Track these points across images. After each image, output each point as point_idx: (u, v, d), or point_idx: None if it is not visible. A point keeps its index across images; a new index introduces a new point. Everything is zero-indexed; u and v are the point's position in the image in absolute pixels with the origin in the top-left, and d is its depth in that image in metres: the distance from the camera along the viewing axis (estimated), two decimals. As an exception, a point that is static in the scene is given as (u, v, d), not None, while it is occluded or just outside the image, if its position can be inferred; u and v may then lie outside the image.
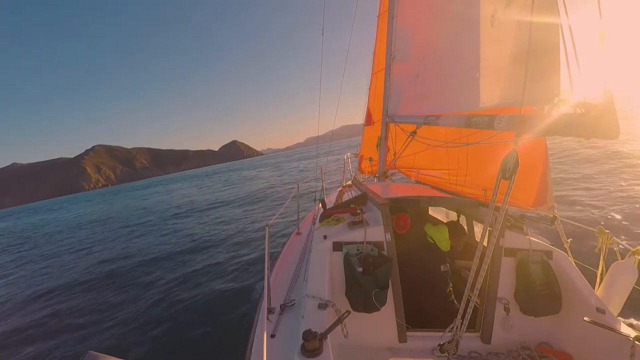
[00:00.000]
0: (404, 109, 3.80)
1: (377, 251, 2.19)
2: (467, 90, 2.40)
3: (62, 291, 7.84)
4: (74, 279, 8.66)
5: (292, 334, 1.89)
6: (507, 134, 1.65)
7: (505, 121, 1.57)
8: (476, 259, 1.59)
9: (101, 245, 12.85)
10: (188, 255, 8.88)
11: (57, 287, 8.25)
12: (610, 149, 13.43)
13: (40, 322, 6.10)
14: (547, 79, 1.50)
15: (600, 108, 1.10)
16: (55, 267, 10.62)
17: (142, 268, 8.49)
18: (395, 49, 3.91)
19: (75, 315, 6.15)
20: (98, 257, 10.72)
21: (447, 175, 4.62)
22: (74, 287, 7.96)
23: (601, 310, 1.93)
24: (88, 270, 9.37)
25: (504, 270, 2.17)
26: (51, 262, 11.56)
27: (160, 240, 11.53)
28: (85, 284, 8.09)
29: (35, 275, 9.99)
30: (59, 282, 8.62)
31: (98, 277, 8.47)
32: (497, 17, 1.93)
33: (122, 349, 4.67)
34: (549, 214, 3.16)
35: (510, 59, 1.83)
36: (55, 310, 6.58)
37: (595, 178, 9.91)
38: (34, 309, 6.89)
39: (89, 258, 11.00)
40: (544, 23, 1.45)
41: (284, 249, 3.55)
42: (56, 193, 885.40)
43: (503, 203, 1.45)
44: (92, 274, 8.87)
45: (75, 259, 11.26)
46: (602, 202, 7.63)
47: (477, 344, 2.14)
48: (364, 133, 6.67)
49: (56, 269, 10.31)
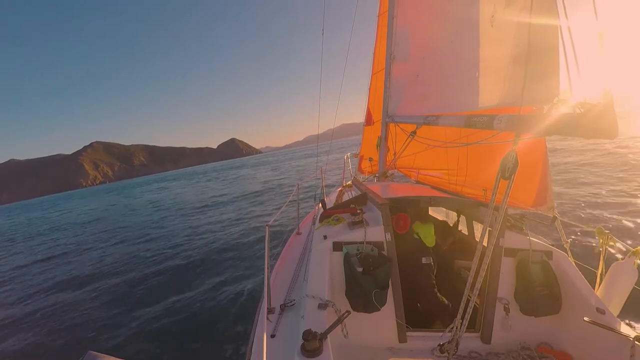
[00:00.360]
0: (404, 109, 3.80)
1: (377, 251, 2.19)
2: (467, 90, 2.40)
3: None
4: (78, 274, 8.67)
5: (292, 334, 1.90)
6: (506, 134, 1.65)
7: (505, 121, 1.57)
8: (476, 259, 1.60)
9: (108, 243, 12.85)
10: (187, 255, 8.88)
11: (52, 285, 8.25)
12: (610, 149, 13.43)
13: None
14: (546, 79, 1.50)
15: (599, 108, 1.11)
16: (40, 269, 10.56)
17: (142, 268, 8.49)
18: (395, 49, 3.92)
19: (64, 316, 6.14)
20: (102, 253, 10.73)
21: (447, 175, 4.62)
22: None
23: (601, 310, 1.93)
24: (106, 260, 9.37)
25: (504, 270, 2.17)
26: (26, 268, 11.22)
27: (159, 239, 11.53)
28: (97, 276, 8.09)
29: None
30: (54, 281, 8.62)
31: (111, 270, 8.46)
32: (496, 18, 1.93)
33: (122, 349, 4.68)
34: (549, 214, 3.16)
35: (509, 59, 1.84)
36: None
37: (595, 178, 9.92)
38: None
39: (94, 252, 11.00)
40: (544, 24, 1.45)
41: (284, 249, 3.55)
42: (54, 189, 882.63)
43: (502, 203, 1.45)
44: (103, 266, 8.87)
45: (77, 255, 11.26)
46: (602, 203, 7.63)
47: (477, 344, 2.14)
48: (364, 133, 6.68)
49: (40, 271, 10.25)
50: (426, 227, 2.58)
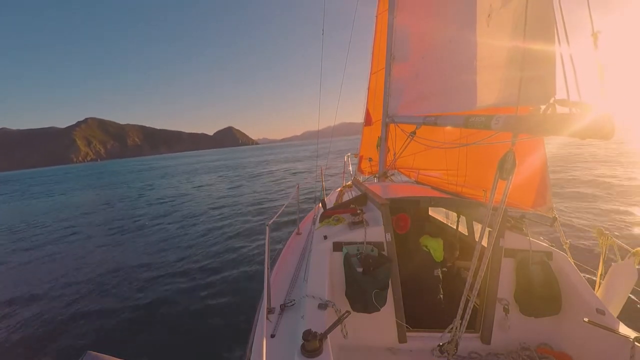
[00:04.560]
0: (403, 109, 3.81)
1: (377, 251, 2.20)
2: (466, 90, 2.41)
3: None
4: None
5: (292, 334, 1.90)
6: (505, 134, 1.66)
7: (502, 121, 1.58)
8: (475, 259, 1.60)
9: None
10: (186, 255, 8.89)
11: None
12: (609, 149, 13.41)
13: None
14: (542, 79, 1.51)
15: (595, 108, 1.11)
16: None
17: (141, 266, 8.50)
18: (395, 48, 3.92)
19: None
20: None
21: (447, 176, 4.63)
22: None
23: (601, 311, 1.93)
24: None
25: (504, 270, 2.17)
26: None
27: (157, 239, 11.53)
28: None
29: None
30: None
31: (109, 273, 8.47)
32: (493, 18, 1.94)
33: (121, 349, 4.68)
34: (548, 214, 3.16)
35: (506, 59, 1.84)
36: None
37: (595, 178, 9.90)
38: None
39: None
40: (540, 24, 1.46)
41: (284, 249, 3.56)
42: (44, 163, 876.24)
43: (501, 203, 1.45)
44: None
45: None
46: (602, 203, 7.62)
47: (477, 345, 2.14)
48: (364, 133, 6.68)
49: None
50: (436, 242, 2.58)
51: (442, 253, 2.55)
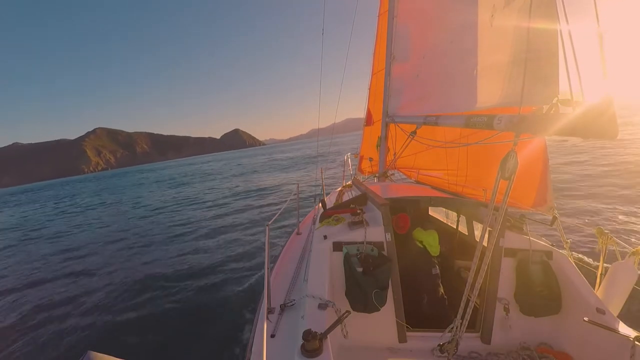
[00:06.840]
0: (404, 109, 3.81)
1: (377, 251, 2.19)
2: (467, 91, 2.41)
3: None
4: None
5: (292, 334, 1.89)
6: (506, 134, 1.65)
7: (505, 121, 1.57)
8: (476, 259, 1.60)
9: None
10: (185, 255, 8.88)
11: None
12: (609, 149, 13.43)
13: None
14: (545, 79, 1.50)
15: (598, 108, 1.11)
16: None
17: (140, 267, 8.49)
18: (396, 48, 3.92)
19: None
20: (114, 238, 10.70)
21: (447, 176, 4.63)
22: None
23: (601, 310, 1.93)
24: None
25: (504, 270, 2.17)
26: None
27: (156, 239, 11.52)
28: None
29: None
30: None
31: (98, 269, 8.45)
32: (496, 18, 1.93)
33: (121, 349, 4.68)
34: (548, 214, 3.16)
35: (509, 59, 1.84)
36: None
37: (595, 178, 9.91)
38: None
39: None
40: (543, 24, 1.45)
41: (284, 249, 3.56)
42: (55, 174, 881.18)
43: (502, 203, 1.45)
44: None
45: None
46: (602, 203, 7.63)
47: (477, 344, 2.14)
48: (364, 133, 6.68)
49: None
50: (430, 235, 2.53)
51: (438, 247, 2.51)
